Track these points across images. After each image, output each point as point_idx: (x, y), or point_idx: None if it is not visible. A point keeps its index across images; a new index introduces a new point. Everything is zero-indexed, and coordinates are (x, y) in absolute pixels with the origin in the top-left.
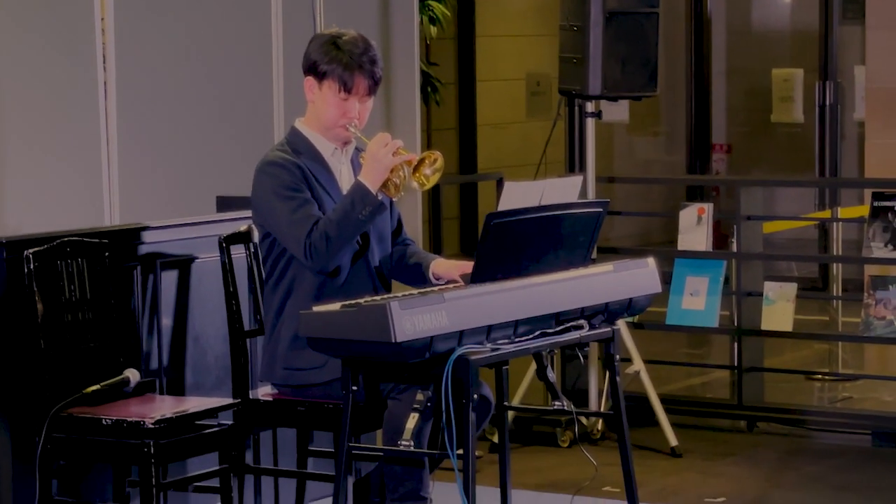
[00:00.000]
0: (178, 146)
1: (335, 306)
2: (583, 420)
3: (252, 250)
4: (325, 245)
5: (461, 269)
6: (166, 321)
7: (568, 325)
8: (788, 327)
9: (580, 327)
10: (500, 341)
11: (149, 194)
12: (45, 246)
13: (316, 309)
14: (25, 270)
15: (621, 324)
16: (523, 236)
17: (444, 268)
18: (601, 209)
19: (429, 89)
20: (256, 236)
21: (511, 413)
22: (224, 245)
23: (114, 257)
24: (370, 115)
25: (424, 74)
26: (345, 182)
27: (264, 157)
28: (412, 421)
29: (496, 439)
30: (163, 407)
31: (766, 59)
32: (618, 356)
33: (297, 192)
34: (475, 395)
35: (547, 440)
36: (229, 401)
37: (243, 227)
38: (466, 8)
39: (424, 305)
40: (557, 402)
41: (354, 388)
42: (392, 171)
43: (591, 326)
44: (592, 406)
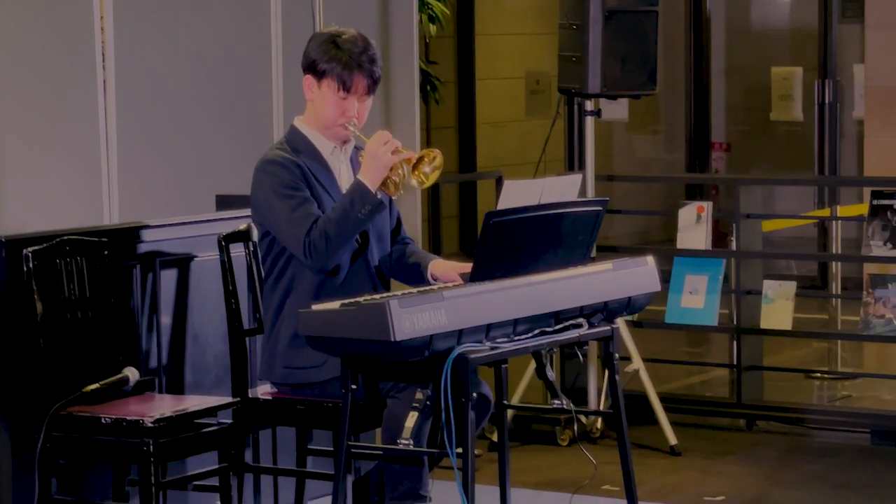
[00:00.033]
0: (177, 145)
1: (334, 305)
2: (582, 419)
3: (251, 249)
4: (325, 244)
5: (459, 271)
6: (165, 320)
7: (567, 323)
8: (787, 326)
9: (579, 326)
10: (499, 340)
11: (148, 193)
12: (45, 244)
13: (315, 307)
14: (25, 269)
15: (620, 322)
16: (522, 235)
17: (443, 269)
18: (600, 208)
19: (428, 88)
20: (256, 235)
21: (510, 412)
22: (223, 244)
23: (113, 256)
24: (369, 113)
25: (424, 73)
26: (344, 181)
27: (263, 155)
28: (411, 420)
29: (495, 438)
30: (162, 406)
31: (766, 58)
32: (617, 355)
33: (296, 190)
34: (474, 394)
35: (546, 439)
36: (228, 399)
37: (243, 225)
38: (466, 6)
39: (424, 304)
40: (557, 401)
41: (354, 386)
42: (391, 169)
43: (591, 325)
44: (592, 405)
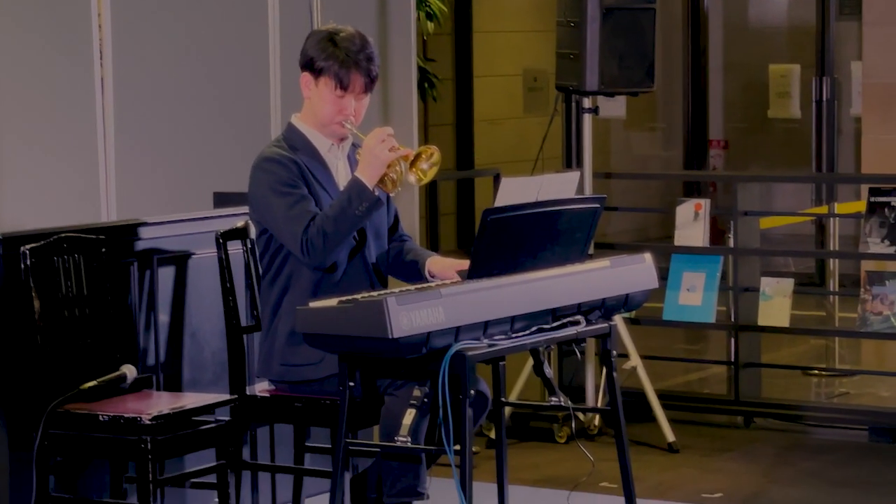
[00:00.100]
0: (174, 142)
1: (332, 302)
2: (580, 416)
3: (249, 246)
4: (322, 241)
5: (457, 268)
6: (163, 317)
7: (565, 320)
8: (785, 323)
9: (577, 323)
10: (496, 337)
11: (146, 190)
12: (42, 242)
13: (312, 305)
14: (22, 266)
15: (618, 319)
16: (520, 232)
17: (440, 266)
18: (598, 205)
19: (426, 85)
20: (253, 232)
21: (508, 409)
22: (221, 241)
23: (110, 253)
24: (367, 111)
25: (421, 70)
26: (341, 178)
27: (261, 153)
28: (409, 417)
29: (493, 435)
30: (160, 403)
31: (763, 55)
32: (615, 352)
33: (293, 188)
34: (472, 391)
35: (544, 436)
36: (226, 397)
37: (240, 223)
38: (463, 4)
39: (421, 301)
40: (554, 398)
41: (351, 383)
42: (389, 166)
43: (588, 322)
44: (589, 402)
